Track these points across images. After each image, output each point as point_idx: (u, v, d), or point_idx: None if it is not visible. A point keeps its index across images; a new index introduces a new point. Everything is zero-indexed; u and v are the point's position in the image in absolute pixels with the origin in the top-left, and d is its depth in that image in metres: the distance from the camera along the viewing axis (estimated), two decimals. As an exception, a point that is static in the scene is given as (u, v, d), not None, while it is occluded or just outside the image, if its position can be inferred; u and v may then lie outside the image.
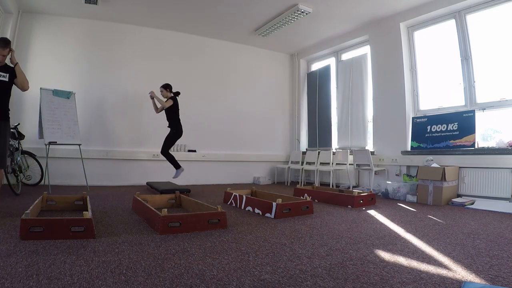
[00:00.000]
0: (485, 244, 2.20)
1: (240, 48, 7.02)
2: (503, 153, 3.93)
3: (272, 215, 3.06)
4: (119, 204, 3.65)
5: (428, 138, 4.81)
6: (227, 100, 6.81)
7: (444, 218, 3.13)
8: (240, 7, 5.26)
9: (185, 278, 1.52)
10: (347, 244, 2.18)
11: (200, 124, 6.47)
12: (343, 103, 6.26)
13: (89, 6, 5.11)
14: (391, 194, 4.59)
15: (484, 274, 1.63)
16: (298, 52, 7.51)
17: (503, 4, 4.14)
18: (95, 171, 5.44)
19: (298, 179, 6.62)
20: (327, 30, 6.07)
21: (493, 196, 4.01)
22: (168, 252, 1.91)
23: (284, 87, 7.66)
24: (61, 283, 1.41)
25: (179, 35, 6.36)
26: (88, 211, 2.45)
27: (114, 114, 5.79)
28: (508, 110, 4.15)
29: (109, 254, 1.83)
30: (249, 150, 6.99)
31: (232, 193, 3.86)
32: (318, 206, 3.79)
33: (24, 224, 2.06)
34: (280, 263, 1.76)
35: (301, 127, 7.43)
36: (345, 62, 6.35)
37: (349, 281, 1.51)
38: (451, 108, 4.72)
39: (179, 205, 3.61)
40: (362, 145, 5.85)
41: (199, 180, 6.32)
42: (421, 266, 1.74)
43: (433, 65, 5.03)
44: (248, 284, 1.47)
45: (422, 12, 4.90)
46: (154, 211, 2.56)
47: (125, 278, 1.49)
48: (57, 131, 4.74)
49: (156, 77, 6.11)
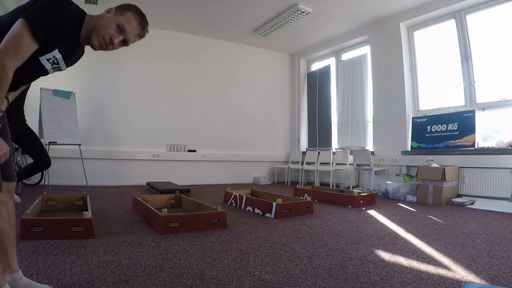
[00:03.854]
0: (485, 244, 2.20)
1: (240, 48, 7.02)
2: (503, 153, 3.93)
3: (272, 215, 3.06)
4: (119, 204, 3.65)
5: (428, 138, 4.80)
6: (227, 100, 6.81)
7: (444, 218, 3.13)
8: (240, 7, 5.26)
9: (185, 278, 1.52)
10: (347, 244, 2.18)
11: (200, 124, 6.47)
12: (343, 103, 6.26)
13: (89, 6, 5.10)
14: (391, 194, 4.59)
15: (484, 274, 1.63)
16: (298, 52, 7.50)
17: (503, 4, 4.14)
18: (95, 171, 5.44)
19: (298, 179, 6.62)
20: (327, 30, 6.07)
21: (493, 196, 4.01)
22: (168, 252, 1.91)
23: (284, 87, 7.66)
24: (61, 283, 1.41)
25: (179, 35, 6.35)
26: (88, 211, 2.45)
27: (114, 114, 5.79)
28: (508, 110, 4.15)
29: (109, 254, 1.83)
30: (249, 150, 6.99)
31: (232, 193, 3.86)
32: (318, 206, 3.79)
33: (24, 224, 2.06)
34: (280, 263, 1.76)
35: (301, 127, 7.43)
36: (345, 62, 6.35)
37: (349, 281, 1.51)
38: (451, 108, 4.72)
39: (179, 205, 3.61)
40: (362, 145, 5.85)
41: (199, 180, 6.32)
42: (421, 266, 1.74)
43: (433, 65, 5.03)
44: (248, 284, 1.47)
45: (422, 12, 4.90)
46: (154, 211, 2.56)
47: (125, 278, 1.49)
48: (57, 131, 4.74)
49: (156, 76, 6.12)
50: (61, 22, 1.11)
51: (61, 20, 1.11)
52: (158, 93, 6.10)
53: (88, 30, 1.20)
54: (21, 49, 1.04)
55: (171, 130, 6.22)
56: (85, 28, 1.20)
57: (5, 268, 1.24)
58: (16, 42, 1.03)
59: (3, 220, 1.23)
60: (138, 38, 1.30)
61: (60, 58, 1.22)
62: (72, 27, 1.16)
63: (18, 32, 1.03)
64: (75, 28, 1.18)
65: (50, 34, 1.10)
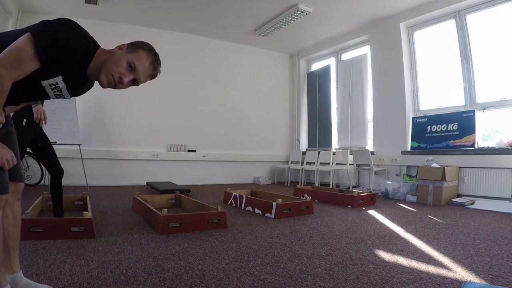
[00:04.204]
0: (485, 244, 2.20)
1: (240, 48, 7.02)
2: (503, 153, 3.93)
3: (272, 215, 3.06)
4: (119, 204, 3.65)
5: (428, 138, 4.80)
6: (227, 100, 6.81)
7: (444, 218, 3.13)
8: (240, 7, 5.26)
9: (185, 278, 1.52)
10: (347, 244, 2.18)
11: (200, 124, 6.47)
12: (343, 103, 6.26)
13: (89, 6, 5.11)
14: (391, 194, 4.59)
15: (484, 274, 1.63)
16: (298, 52, 7.50)
17: (503, 4, 4.14)
18: (95, 171, 5.44)
19: (298, 179, 6.62)
20: (327, 30, 6.07)
21: (493, 196, 4.01)
22: (168, 252, 1.91)
23: (284, 87, 7.66)
24: (61, 283, 1.41)
25: (179, 35, 6.36)
26: (88, 211, 2.45)
27: (114, 114, 5.79)
28: (508, 110, 4.14)
29: (109, 254, 1.83)
30: (249, 150, 6.99)
31: (232, 193, 3.86)
32: (318, 206, 3.79)
33: (24, 224, 2.06)
34: (280, 263, 1.76)
35: (301, 127, 7.43)
36: (345, 62, 6.35)
37: (349, 281, 1.51)
38: (451, 108, 4.72)
39: (179, 205, 3.61)
40: (362, 145, 5.85)
41: (199, 180, 6.32)
42: (421, 266, 1.74)
43: (433, 65, 5.03)
44: (248, 284, 1.47)
45: (422, 12, 4.90)
46: (154, 211, 2.56)
47: (125, 278, 1.49)
48: (57, 131, 4.74)
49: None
50: (69, 45, 1.04)
51: (69, 42, 1.04)
52: (158, 93, 6.10)
53: (97, 65, 1.13)
54: (20, 63, 0.98)
55: (171, 130, 6.22)
56: (94, 62, 1.13)
57: (6, 268, 1.24)
58: (16, 54, 0.97)
59: (7, 221, 1.23)
60: (150, 78, 1.23)
61: (64, 87, 1.14)
62: (80, 55, 1.09)
63: (21, 44, 0.98)
64: (84, 57, 1.11)
65: (55, 56, 1.03)
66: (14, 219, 1.26)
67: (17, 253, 1.29)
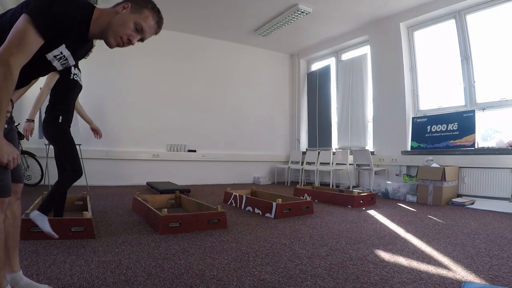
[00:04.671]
0: (485, 244, 2.20)
1: (240, 48, 7.02)
2: (503, 153, 3.93)
3: (272, 215, 3.06)
4: (119, 204, 3.65)
5: (428, 138, 4.80)
6: (227, 100, 6.81)
7: (444, 218, 3.13)
8: (240, 7, 5.26)
9: (185, 278, 1.52)
10: (347, 244, 2.18)
11: (200, 124, 6.47)
12: (343, 103, 6.26)
13: (89, 6, 5.11)
14: (391, 194, 4.59)
15: (484, 274, 1.63)
16: (298, 52, 7.50)
17: (503, 4, 4.14)
18: (95, 171, 5.44)
19: (298, 179, 6.62)
20: (327, 30, 6.07)
21: (493, 196, 4.01)
22: (168, 252, 1.91)
23: (284, 87, 7.66)
24: (61, 283, 1.41)
25: (179, 35, 6.35)
26: (88, 211, 2.45)
27: (114, 114, 5.79)
28: (508, 110, 4.15)
29: (109, 254, 1.84)
30: (249, 150, 6.99)
31: (232, 193, 3.86)
32: (318, 206, 3.79)
33: (24, 224, 2.06)
34: (280, 263, 1.76)
35: (301, 127, 7.43)
36: (345, 62, 6.35)
37: (349, 281, 1.51)
38: (451, 108, 4.72)
39: (179, 205, 3.61)
40: (362, 145, 5.85)
41: (199, 180, 6.32)
42: (421, 266, 1.74)
43: (433, 65, 5.03)
44: (248, 284, 1.47)
45: (422, 12, 4.90)
46: (154, 211, 2.56)
47: (125, 278, 1.49)
48: (57, 131, 4.72)
49: (156, 76, 6.12)
50: (66, 15, 1.06)
51: (66, 13, 1.06)
52: (158, 93, 6.10)
53: (101, 26, 1.15)
54: (26, 46, 0.99)
55: (171, 130, 6.22)
56: (96, 24, 1.15)
57: (6, 268, 1.24)
58: (20, 39, 0.98)
59: (7, 221, 1.23)
60: (154, 35, 1.31)
61: (69, 55, 1.18)
62: (79, 21, 1.10)
63: (21, 28, 0.99)
64: (82, 22, 1.12)
65: (55, 29, 1.04)
66: (14, 219, 1.26)
67: (17, 252, 1.29)
